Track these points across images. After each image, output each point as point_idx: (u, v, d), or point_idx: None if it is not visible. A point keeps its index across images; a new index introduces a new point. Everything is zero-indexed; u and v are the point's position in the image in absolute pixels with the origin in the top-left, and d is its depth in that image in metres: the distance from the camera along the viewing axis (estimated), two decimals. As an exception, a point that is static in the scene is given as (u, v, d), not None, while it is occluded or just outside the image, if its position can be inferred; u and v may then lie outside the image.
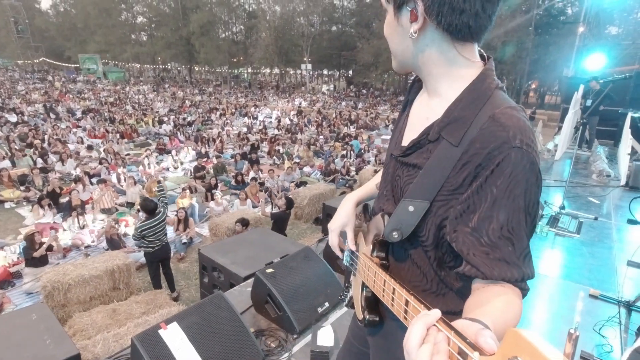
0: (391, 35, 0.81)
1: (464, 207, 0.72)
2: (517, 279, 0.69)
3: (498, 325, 0.59)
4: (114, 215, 6.92)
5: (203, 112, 20.91)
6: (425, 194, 0.76)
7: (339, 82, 44.79)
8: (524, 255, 0.70)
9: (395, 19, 0.77)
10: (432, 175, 0.75)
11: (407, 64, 0.83)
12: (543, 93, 31.18)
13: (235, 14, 41.83)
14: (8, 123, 14.57)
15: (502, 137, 0.67)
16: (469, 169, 0.70)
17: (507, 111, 0.70)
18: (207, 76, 50.10)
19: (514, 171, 0.67)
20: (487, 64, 0.79)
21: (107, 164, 9.64)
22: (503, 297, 0.67)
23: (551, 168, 6.77)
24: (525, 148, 0.67)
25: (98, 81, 39.20)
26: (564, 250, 3.56)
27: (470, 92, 0.75)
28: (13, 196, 7.78)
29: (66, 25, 47.79)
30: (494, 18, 0.75)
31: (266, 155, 12.21)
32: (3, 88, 27.69)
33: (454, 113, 0.75)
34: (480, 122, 0.70)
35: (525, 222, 0.70)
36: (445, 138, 0.74)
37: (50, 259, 5.36)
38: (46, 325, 2.67)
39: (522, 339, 0.42)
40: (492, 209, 0.69)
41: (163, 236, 4.72)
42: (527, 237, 0.71)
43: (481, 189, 0.69)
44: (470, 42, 0.76)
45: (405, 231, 0.79)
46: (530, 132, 0.70)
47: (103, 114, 18.04)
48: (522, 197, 0.68)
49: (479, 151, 0.69)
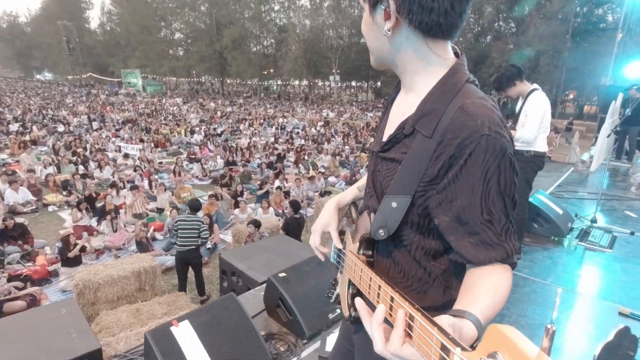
0: (367, 32, 0.83)
1: (442, 197, 0.75)
2: (503, 258, 0.73)
3: (488, 309, 0.66)
4: (144, 219, 7.24)
5: (233, 122, 21.57)
6: (405, 189, 0.78)
7: (367, 94, 44.84)
8: (505, 232, 0.74)
9: (371, 17, 0.80)
10: (410, 169, 0.77)
11: (383, 60, 0.85)
12: (581, 103, 29.69)
13: (266, 28, 43.16)
14: (56, 132, 15.70)
15: (471, 126, 0.69)
16: (443, 159, 0.72)
17: (475, 101, 0.72)
18: (238, 88, 51.73)
19: (486, 158, 0.69)
20: (459, 59, 0.81)
21: (141, 171, 10.14)
22: (492, 278, 0.72)
23: (586, 180, 6.42)
24: (494, 135, 0.69)
25: (137, 94, 41.50)
26: (593, 265, 3.36)
27: (441, 86, 0.78)
28: (56, 200, 8.35)
29: (111, 43, 51.21)
30: (465, 16, 0.77)
31: (292, 165, 12.38)
32: (54, 101, 29.92)
33: (426, 106, 0.77)
34: (450, 113, 0.73)
35: (503, 203, 0.73)
36: (419, 131, 0.77)
37: (84, 259, 5.69)
38: (73, 320, 2.83)
39: (502, 335, 0.44)
40: (470, 197, 0.72)
41: (193, 240, 4.89)
42: (508, 215, 0.74)
43: (457, 178, 0.72)
44: (442, 39, 0.78)
45: (391, 228, 0.81)
46: (498, 119, 0.72)
47: (140, 124, 19.05)
48: (496, 181, 0.71)
49: (450, 142, 0.71)
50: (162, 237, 6.82)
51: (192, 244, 4.88)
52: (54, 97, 33.37)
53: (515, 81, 3.10)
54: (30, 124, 17.23)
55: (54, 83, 56.87)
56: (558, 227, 3.80)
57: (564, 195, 5.31)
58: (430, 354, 0.53)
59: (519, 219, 3.29)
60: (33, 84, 55.58)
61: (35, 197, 8.21)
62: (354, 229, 1.03)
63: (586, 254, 3.56)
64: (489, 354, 0.44)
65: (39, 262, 5.59)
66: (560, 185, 5.98)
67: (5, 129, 15.84)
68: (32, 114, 20.64)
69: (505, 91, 3.18)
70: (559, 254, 3.56)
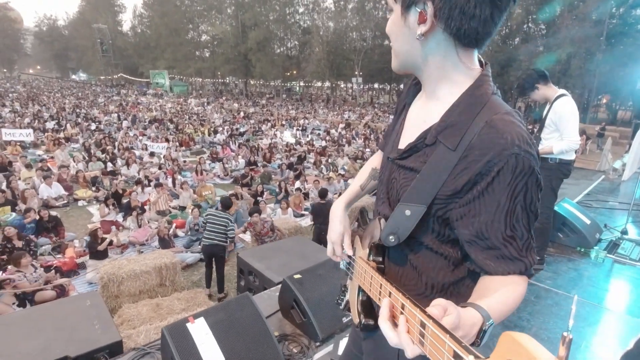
0: (396, 35, 0.81)
1: (464, 211, 0.74)
2: (522, 271, 0.74)
3: (496, 304, 0.67)
4: (167, 217, 7.45)
5: (255, 122, 21.88)
6: (422, 198, 0.77)
7: (389, 96, 44.46)
8: (526, 248, 0.75)
9: (402, 18, 0.77)
10: (429, 179, 0.76)
11: (408, 65, 0.83)
12: (615, 108, 28.32)
13: (290, 31, 43.64)
14: (88, 130, 16.41)
15: (500, 144, 0.69)
16: (469, 175, 0.71)
17: (503, 117, 0.72)
18: (261, 89, 52.47)
19: (514, 176, 0.69)
20: (484, 70, 0.80)
21: (165, 169, 10.44)
22: (506, 283, 0.73)
23: (617, 189, 6.13)
24: (523, 153, 0.68)
25: (164, 94, 42.81)
26: (621, 279, 3.20)
27: (467, 98, 0.76)
28: (86, 195, 8.72)
29: (141, 45, 53.08)
30: (499, 26, 0.76)
31: (312, 166, 12.43)
32: (87, 100, 31.29)
33: (451, 118, 0.76)
34: (477, 127, 0.72)
35: (527, 219, 0.74)
36: (443, 142, 0.76)
37: (110, 253, 5.91)
38: (97, 312, 2.97)
39: (516, 342, 0.43)
40: (494, 213, 0.72)
41: (220, 235, 5.08)
42: (529, 230, 0.75)
43: (482, 195, 0.71)
44: (473, 48, 0.78)
45: (402, 235, 0.81)
46: (527, 136, 0.71)
47: (166, 124, 19.63)
48: (523, 199, 0.71)
49: (478, 158, 0.70)
50: (183, 234, 7.00)
51: (217, 238, 5.06)
52: (87, 97, 34.89)
53: (537, 85, 3.00)
54: (64, 122, 18.08)
55: (88, 83, 59.48)
56: (585, 238, 3.65)
57: (593, 205, 5.09)
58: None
59: (543, 228, 3.18)
60: (69, 83, 58.27)
61: (67, 192, 8.62)
62: (364, 235, 1.03)
63: (614, 267, 3.40)
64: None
65: (68, 254, 5.85)
66: (589, 193, 5.74)
67: (42, 126, 16.67)
68: (66, 113, 21.66)
69: (528, 95, 3.09)
70: (584, 265, 3.42)
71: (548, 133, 3.03)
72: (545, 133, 3.05)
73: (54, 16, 71.07)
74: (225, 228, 5.08)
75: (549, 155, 2.99)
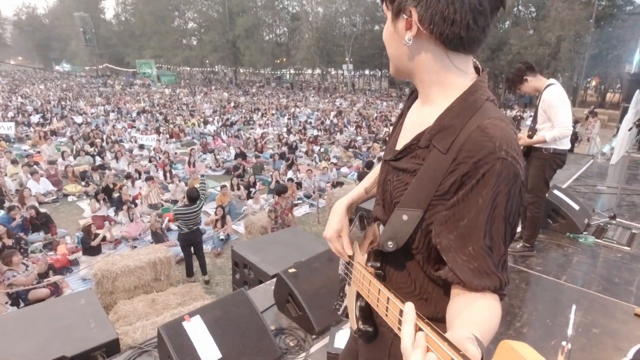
0: (389, 40, 0.83)
1: (449, 214, 0.74)
2: (497, 288, 0.73)
3: (485, 334, 0.64)
4: (158, 210, 7.40)
5: (246, 112, 21.65)
6: (418, 203, 0.78)
7: (380, 82, 44.24)
8: (502, 264, 0.74)
9: (393, 25, 0.80)
10: (423, 183, 0.77)
11: (402, 69, 0.85)
12: (604, 91, 28.59)
13: (279, 17, 42.84)
14: (75, 124, 16.08)
15: (488, 147, 0.69)
16: (456, 176, 0.72)
17: (494, 122, 0.72)
18: (251, 77, 51.76)
19: (498, 182, 0.69)
20: (480, 76, 0.80)
21: (156, 162, 10.32)
22: (486, 303, 0.71)
23: (606, 173, 6.23)
24: (510, 160, 0.69)
25: (152, 84, 41.96)
26: (609, 264, 3.28)
27: (461, 102, 0.77)
28: (75, 190, 8.60)
29: (126, 33, 51.75)
30: (488, 31, 0.76)
31: (304, 155, 12.39)
32: (72, 92, 30.58)
33: (444, 121, 0.77)
34: (468, 131, 0.72)
35: (505, 231, 0.73)
36: (435, 146, 0.76)
37: (103, 249, 5.87)
38: (92, 310, 2.96)
39: (514, 352, 0.43)
40: (475, 219, 0.71)
41: (194, 225, 5.21)
42: (506, 244, 0.74)
43: (466, 197, 0.71)
44: (463, 52, 0.77)
45: (400, 240, 0.81)
46: (515, 144, 0.71)
47: (155, 115, 19.31)
48: (504, 207, 0.71)
49: (465, 160, 0.71)
50: (176, 227, 6.97)
51: (193, 227, 5.20)
52: (72, 88, 34.07)
53: (526, 77, 3.01)
54: (50, 116, 17.67)
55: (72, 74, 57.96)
56: (574, 224, 3.72)
57: (582, 189, 5.17)
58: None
59: (535, 217, 3.23)
60: (52, 75, 56.77)
61: (55, 188, 8.48)
62: (362, 241, 1.02)
63: (603, 251, 3.48)
64: None
65: (60, 251, 5.80)
66: (578, 178, 5.83)
67: (26, 120, 16.29)
68: (51, 105, 21.15)
69: (519, 89, 3.10)
70: (573, 251, 3.49)
71: (540, 123, 3.05)
72: (538, 124, 3.07)
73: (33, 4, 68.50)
74: (197, 218, 5.22)
75: (542, 144, 3.01)
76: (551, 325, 2.51)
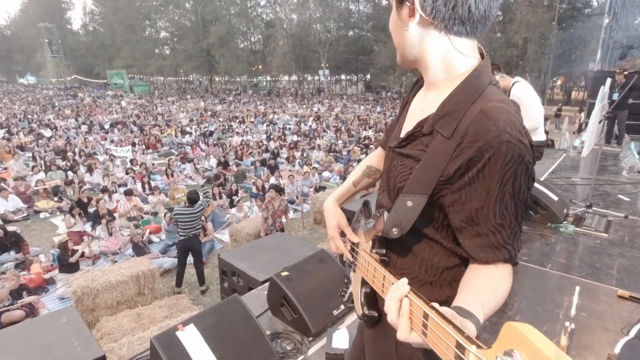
0: (394, 29, 0.84)
1: (456, 197, 0.75)
2: (506, 259, 0.75)
3: (488, 308, 0.69)
4: (138, 222, 7.16)
5: (224, 120, 21.38)
6: (422, 189, 0.78)
7: (357, 87, 44.77)
8: (513, 235, 0.76)
9: (397, 13, 0.80)
10: (428, 169, 0.77)
11: (407, 57, 0.85)
12: (569, 89, 30.04)
13: (253, 24, 42.74)
14: (44, 138, 15.40)
15: (492, 130, 0.69)
16: (461, 161, 0.72)
17: (497, 105, 0.72)
18: (227, 86, 51.29)
19: (504, 163, 0.69)
20: (483, 60, 0.81)
21: (133, 173, 10.01)
22: (494, 276, 0.74)
23: (578, 165, 6.51)
24: (515, 142, 0.69)
25: (125, 95, 40.84)
26: (589, 250, 3.41)
27: (464, 87, 0.77)
28: (47, 206, 8.21)
29: (95, 44, 50.26)
30: (491, 14, 0.76)
31: (285, 161, 12.33)
32: (39, 105, 29.33)
33: (447, 107, 0.77)
34: (471, 115, 0.72)
35: (515, 207, 0.74)
36: (439, 131, 0.76)
37: (81, 265, 5.61)
38: (75, 329, 2.80)
39: (519, 333, 0.43)
40: (484, 200, 0.73)
41: (194, 230, 5.08)
42: (518, 217, 0.76)
43: (473, 181, 0.72)
44: (466, 37, 0.78)
45: (405, 227, 0.81)
46: (520, 125, 0.72)
47: (129, 126, 18.77)
48: (512, 186, 0.72)
49: (470, 144, 0.71)
50: (158, 239, 6.76)
51: (193, 232, 5.07)
52: (38, 101, 32.70)
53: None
54: (16, 130, 16.88)
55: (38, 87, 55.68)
56: (554, 214, 3.84)
57: (558, 182, 5.37)
58: (445, 352, 0.53)
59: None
60: (16, 87, 54.33)
61: (26, 204, 8.07)
62: (366, 228, 1.02)
63: (583, 239, 3.61)
64: (506, 351, 0.44)
65: (34, 270, 5.50)
66: (553, 171, 6.06)
67: (-10, 135, 15.48)
68: (17, 120, 20.21)
69: None
70: (556, 240, 3.61)
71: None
72: None
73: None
74: (197, 221, 5.10)
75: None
76: (541, 312, 2.57)
